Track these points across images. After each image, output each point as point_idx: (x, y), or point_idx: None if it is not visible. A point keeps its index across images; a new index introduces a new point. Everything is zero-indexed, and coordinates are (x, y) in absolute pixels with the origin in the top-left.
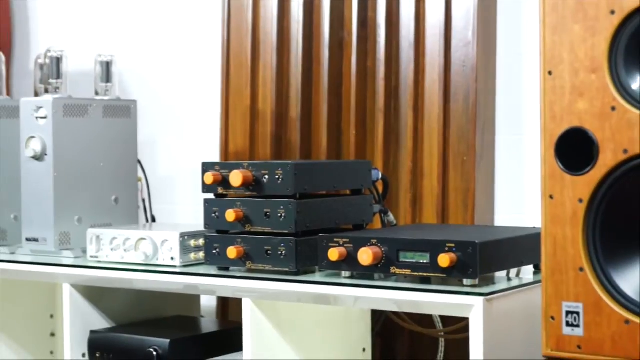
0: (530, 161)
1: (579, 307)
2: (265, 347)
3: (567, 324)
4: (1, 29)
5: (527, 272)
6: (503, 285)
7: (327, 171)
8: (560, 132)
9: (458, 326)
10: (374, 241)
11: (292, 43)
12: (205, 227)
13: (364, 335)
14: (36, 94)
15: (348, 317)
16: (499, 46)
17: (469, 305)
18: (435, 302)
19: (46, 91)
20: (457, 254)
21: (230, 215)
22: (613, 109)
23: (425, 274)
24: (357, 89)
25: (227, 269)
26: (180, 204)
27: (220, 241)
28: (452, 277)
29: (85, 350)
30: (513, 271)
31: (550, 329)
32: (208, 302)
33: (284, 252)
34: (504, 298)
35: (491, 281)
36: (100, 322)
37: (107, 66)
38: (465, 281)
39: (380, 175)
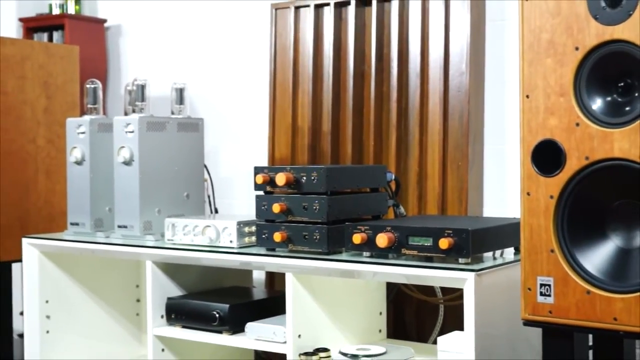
0: (512, 166)
1: (550, 280)
2: (303, 311)
3: (541, 294)
4: (98, 63)
5: (509, 253)
6: (490, 263)
7: (351, 173)
8: (536, 143)
9: (454, 295)
10: (388, 228)
11: (324, 74)
12: (256, 217)
13: (380, 302)
14: (125, 114)
15: (368, 288)
16: (487, 75)
17: (463, 279)
18: (436, 276)
19: (133, 111)
20: (454, 239)
21: (276, 207)
22: (577, 124)
23: (429, 254)
24: (375, 110)
25: (273, 249)
26: (237, 199)
27: (268, 228)
28: (450, 257)
29: (164, 313)
30: (498, 252)
31: (528, 297)
32: (258, 276)
33: (318, 237)
34: (490, 273)
35: (481, 260)
36: (175, 291)
37: (180, 92)
38: (460, 260)
39: (393, 177)
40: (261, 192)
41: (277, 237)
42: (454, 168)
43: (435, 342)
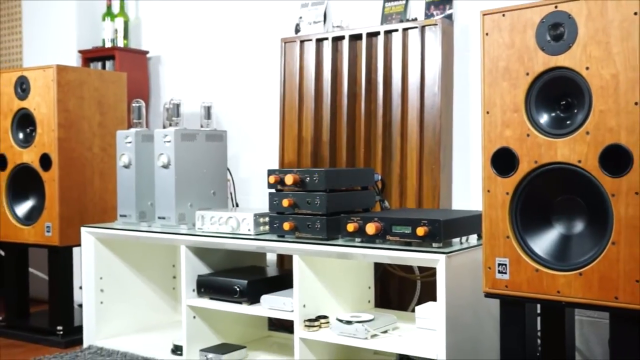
0: (475, 168)
1: (506, 261)
2: (307, 285)
3: (499, 272)
4: (142, 86)
5: (473, 238)
6: (458, 247)
7: (346, 175)
8: (494, 150)
9: (429, 273)
10: (376, 219)
11: (323, 95)
12: (269, 210)
13: (369, 279)
14: (164, 127)
15: (359, 267)
16: (455, 96)
17: (436, 260)
18: (415, 258)
19: (170, 125)
20: (428, 227)
21: (285, 202)
22: (528, 135)
23: (408, 240)
24: (365, 123)
25: (283, 236)
26: (254, 195)
27: (279, 219)
28: (425, 242)
29: (195, 287)
30: (464, 238)
31: (488, 275)
32: (271, 257)
33: (319, 226)
34: (458, 255)
35: (450, 244)
36: (204, 270)
37: (208, 109)
38: (433, 244)
39: (379, 177)
40: (273, 190)
41: (286, 226)
42: (429, 170)
43: (413, 311)
